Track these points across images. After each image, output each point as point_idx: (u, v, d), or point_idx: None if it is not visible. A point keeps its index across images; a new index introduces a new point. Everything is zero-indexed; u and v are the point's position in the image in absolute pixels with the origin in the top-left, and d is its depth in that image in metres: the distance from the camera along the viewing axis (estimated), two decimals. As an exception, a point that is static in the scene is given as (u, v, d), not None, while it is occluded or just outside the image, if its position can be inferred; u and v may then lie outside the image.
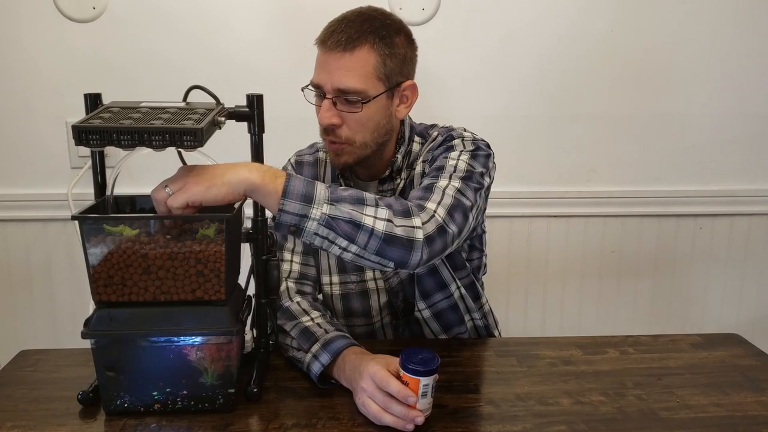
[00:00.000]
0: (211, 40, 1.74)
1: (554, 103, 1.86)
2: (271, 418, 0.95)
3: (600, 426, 0.94)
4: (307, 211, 0.92)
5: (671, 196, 1.94)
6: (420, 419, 0.91)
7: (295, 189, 0.92)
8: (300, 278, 1.24)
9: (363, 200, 0.96)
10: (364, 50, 1.09)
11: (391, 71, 1.13)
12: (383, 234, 0.95)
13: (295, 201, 0.92)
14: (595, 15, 1.80)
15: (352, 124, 1.12)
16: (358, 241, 0.94)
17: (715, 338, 1.23)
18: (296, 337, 1.10)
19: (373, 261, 0.97)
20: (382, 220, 0.96)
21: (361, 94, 1.10)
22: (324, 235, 0.94)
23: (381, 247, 0.95)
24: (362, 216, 0.95)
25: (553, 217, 1.93)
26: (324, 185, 0.96)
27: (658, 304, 2.03)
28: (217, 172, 0.91)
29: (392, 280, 1.27)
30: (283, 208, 0.91)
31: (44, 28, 1.71)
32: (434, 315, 1.27)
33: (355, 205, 0.95)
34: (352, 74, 1.09)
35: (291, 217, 0.92)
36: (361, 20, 1.11)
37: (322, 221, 0.92)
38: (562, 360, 1.14)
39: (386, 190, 1.23)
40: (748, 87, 1.89)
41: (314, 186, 0.94)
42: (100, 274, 0.91)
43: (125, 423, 0.94)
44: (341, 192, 0.96)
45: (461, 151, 1.15)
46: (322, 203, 0.93)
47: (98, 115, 0.90)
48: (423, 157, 1.22)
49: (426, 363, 0.91)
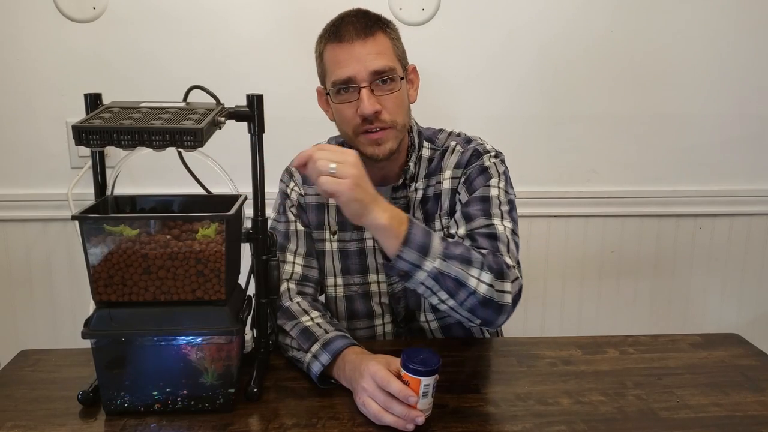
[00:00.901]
0: (211, 40, 1.74)
1: (554, 103, 1.86)
2: (271, 418, 0.95)
3: (600, 426, 0.94)
4: (421, 263, 0.98)
5: (671, 196, 1.94)
6: (420, 419, 0.90)
7: (415, 238, 0.98)
8: (302, 280, 1.24)
9: (471, 261, 1.02)
10: (381, 35, 1.14)
11: (401, 54, 1.19)
12: (482, 297, 1.02)
13: (413, 251, 0.98)
14: (594, 15, 1.81)
15: (391, 107, 1.14)
16: (457, 297, 1.02)
17: (715, 338, 1.23)
18: (296, 337, 1.10)
19: (462, 315, 1.05)
20: (485, 284, 1.02)
21: (395, 72, 1.14)
22: (429, 286, 1.01)
23: (476, 307, 1.03)
24: (468, 277, 1.01)
25: (553, 217, 1.93)
26: (439, 237, 1.01)
27: (658, 304, 2.03)
28: (367, 194, 0.95)
29: (395, 285, 1.27)
30: (401, 255, 0.98)
31: (44, 28, 1.71)
32: (442, 327, 1.28)
33: (464, 264, 1.01)
34: (382, 55, 1.13)
35: (405, 264, 0.98)
36: (361, 15, 1.16)
37: (431, 274, 0.99)
38: (562, 360, 1.14)
39: (399, 197, 1.24)
40: (748, 87, 1.89)
41: (431, 237, 1.00)
42: (100, 274, 0.91)
43: (125, 423, 0.94)
44: (453, 248, 1.01)
45: (498, 176, 1.19)
46: (435, 257, 0.99)
47: (98, 115, 0.90)
48: (451, 173, 1.23)
49: (427, 363, 0.91)
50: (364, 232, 1.26)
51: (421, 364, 0.90)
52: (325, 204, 1.27)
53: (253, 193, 1.03)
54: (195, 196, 1.08)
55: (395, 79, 1.14)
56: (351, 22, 1.13)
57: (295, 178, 1.29)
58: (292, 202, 1.27)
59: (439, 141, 1.27)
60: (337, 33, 1.13)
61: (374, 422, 0.93)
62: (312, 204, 1.27)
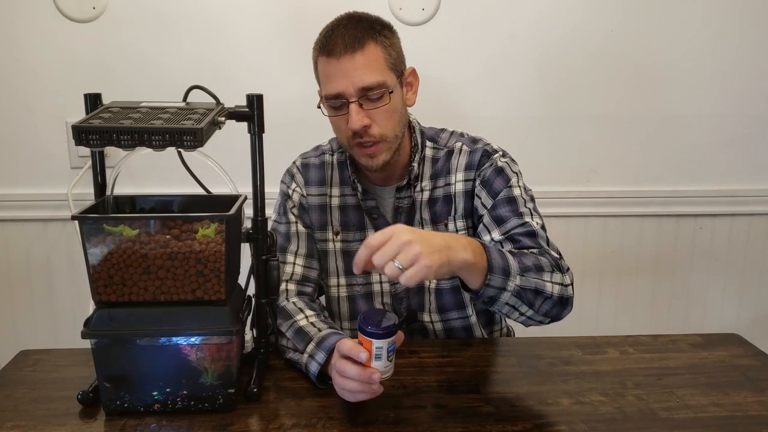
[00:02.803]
0: (211, 40, 1.74)
1: (554, 104, 1.86)
2: (271, 418, 0.95)
3: (600, 426, 0.94)
4: (506, 285, 0.98)
5: (671, 196, 1.94)
6: (376, 376, 0.90)
7: (496, 263, 0.97)
8: (302, 280, 1.24)
9: (542, 267, 1.04)
10: (371, 46, 1.12)
11: (395, 61, 1.16)
12: (557, 298, 1.04)
13: (498, 276, 0.97)
14: (595, 15, 1.80)
15: (381, 120, 1.14)
16: (536, 306, 1.03)
17: (715, 338, 1.23)
18: (291, 338, 1.10)
19: (536, 320, 1.06)
20: (558, 284, 1.05)
21: (384, 86, 1.12)
22: (513, 304, 1.01)
23: (550, 308, 1.05)
24: (544, 284, 1.03)
25: (553, 217, 1.93)
26: (510, 255, 1.01)
27: (658, 304, 2.03)
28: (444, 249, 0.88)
29: (398, 285, 1.27)
30: (489, 283, 0.97)
31: (44, 28, 1.71)
32: (446, 330, 1.28)
33: (538, 272, 1.03)
34: (370, 70, 1.11)
35: (493, 290, 0.98)
36: (354, 22, 1.13)
37: (514, 293, 0.99)
38: (562, 360, 1.14)
39: (403, 197, 1.24)
40: (748, 87, 1.89)
41: (507, 258, 0.99)
42: (100, 274, 0.91)
43: (125, 423, 0.94)
44: (525, 261, 1.02)
45: (516, 176, 1.21)
46: (516, 275, 0.99)
47: (98, 115, 0.90)
48: (463, 176, 1.23)
49: (380, 324, 0.90)
50: (366, 232, 1.26)
51: (373, 325, 0.90)
52: (327, 204, 1.27)
53: (253, 193, 1.03)
54: (195, 196, 1.08)
55: (385, 93, 1.12)
56: (340, 34, 1.11)
57: (296, 179, 1.29)
58: (293, 203, 1.27)
59: (442, 140, 1.27)
60: (327, 45, 1.12)
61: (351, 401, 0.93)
62: (314, 204, 1.27)
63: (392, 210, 1.25)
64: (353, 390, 0.92)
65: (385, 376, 0.93)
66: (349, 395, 0.93)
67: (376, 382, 0.91)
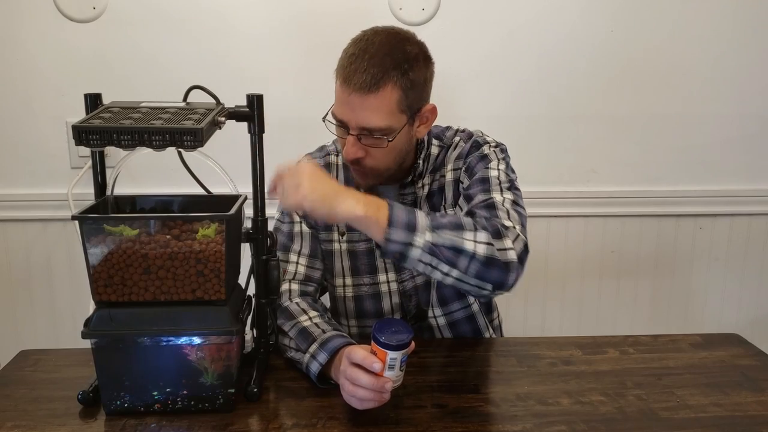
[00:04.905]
0: (211, 40, 1.74)
1: (554, 103, 1.86)
2: (271, 418, 0.95)
3: (600, 426, 0.94)
4: (411, 239, 0.96)
5: (671, 196, 1.94)
6: (389, 385, 0.91)
7: (398, 219, 0.96)
8: (304, 280, 1.24)
9: (462, 225, 1.00)
10: (388, 88, 1.07)
11: (413, 101, 1.11)
12: (484, 257, 0.99)
13: (399, 230, 0.96)
14: (595, 15, 1.80)
15: (377, 155, 1.12)
16: (459, 265, 0.98)
17: (715, 338, 1.23)
18: (294, 338, 1.10)
19: (472, 284, 1.01)
20: (483, 243, 0.99)
21: (387, 131, 1.09)
22: (427, 261, 0.98)
23: (480, 270, 0.99)
24: (463, 241, 0.98)
25: (553, 217, 1.93)
26: (423, 213, 1.00)
27: (658, 304, 2.03)
28: (326, 191, 0.96)
29: (406, 283, 1.27)
30: (389, 237, 0.96)
31: (44, 28, 1.71)
32: (449, 324, 1.28)
33: (456, 230, 0.99)
34: (377, 114, 1.08)
35: (396, 245, 0.96)
36: (383, 54, 1.07)
37: (425, 248, 0.97)
38: (562, 360, 1.14)
39: (407, 194, 1.24)
40: (749, 87, 1.89)
41: (415, 214, 0.98)
42: (100, 274, 0.91)
43: (125, 423, 0.94)
44: (440, 219, 1.00)
45: (498, 160, 1.19)
46: (424, 231, 0.97)
47: (98, 115, 0.90)
48: (452, 165, 1.23)
49: (395, 336, 0.90)
50: None
51: (389, 337, 0.90)
52: None
53: (253, 193, 1.03)
54: (195, 196, 1.08)
55: (385, 138, 1.10)
56: (362, 68, 1.05)
57: None
58: None
59: (447, 138, 1.27)
60: (345, 72, 1.07)
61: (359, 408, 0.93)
62: None
63: None
64: (364, 398, 0.92)
65: (395, 385, 0.93)
66: (358, 403, 0.93)
67: (388, 391, 0.92)
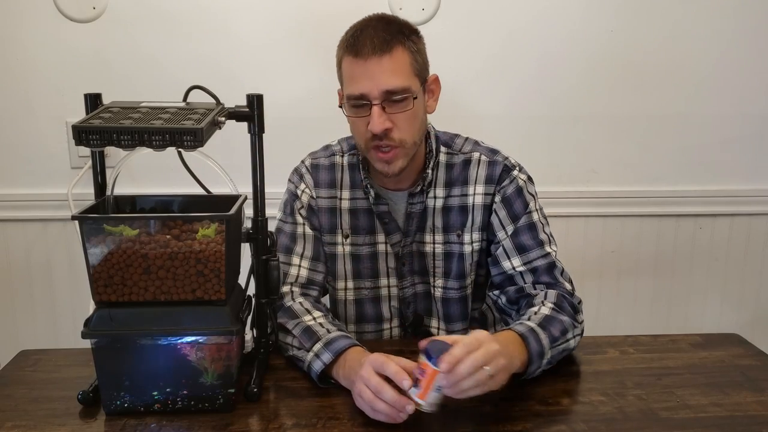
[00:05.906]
0: (211, 40, 1.74)
1: (554, 103, 1.86)
2: (271, 418, 0.95)
3: (600, 426, 0.94)
4: (541, 363, 1.04)
5: (671, 196, 1.94)
6: (410, 407, 0.88)
7: (534, 351, 1.02)
8: (306, 284, 1.23)
9: (566, 329, 1.09)
10: (399, 50, 1.11)
11: (421, 67, 1.15)
12: (575, 347, 1.12)
13: (536, 361, 1.02)
14: (595, 15, 1.80)
15: (402, 125, 1.13)
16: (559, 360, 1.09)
17: (715, 338, 1.23)
18: (298, 336, 1.09)
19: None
20: (578, 335, 1.13)
21: (408, 91, 1.12)
22: (544, 368, 1.06)
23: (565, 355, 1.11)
24: (568, 342, 1.09)
25: (553, 217, 1.92)
26: (541, 329, 1.05)
27: (658, 304, 2.03)
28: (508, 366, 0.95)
29: (407, 290, 1.27)
30: (529, 370, 1.02)
31: (44, 28, 1.71)
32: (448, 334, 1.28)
33: (563, 336, 1.08)
34: (397, 74, 1.10)
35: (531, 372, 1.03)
36: (384, 24, 1.12)
37: (546, 364, 1.05)
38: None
39: (416, 203, 1.23)
40: (748, 87, 1.89)
41: (540, 340, 1.03)
42: (100, 274, 0.91)
43: (125, 423, 0.94)
44: (553, 330, 1.06)
45: (534, 200, 1.24)
46: (548, 351, 1.04)
47: (98, 115, 0.90)
48: (483, 189, 1.23)
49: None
50: (376, 237, 1.26)
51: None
52: (338, 207, 1.26)
53: (253, 193, 1.03)
54: (195, 196, 1.08)
55: (409, 98, 1.12)
56: (369, 35, 1.10)
57: (306, 180, 1.27)
58: (301, 203, 1.26)
59: (456, 146, 1.26)
60: (355, 45, 1.10)
61: (368, 415, 0.92)
62: (324, 207, 1.26)
63: (404, 215, 1.25)
64: (380, 410, 0.90)
65: (425, 410, 0.89)
66: (371, 412, 0.92)
67: (407, 413, 0.89)
